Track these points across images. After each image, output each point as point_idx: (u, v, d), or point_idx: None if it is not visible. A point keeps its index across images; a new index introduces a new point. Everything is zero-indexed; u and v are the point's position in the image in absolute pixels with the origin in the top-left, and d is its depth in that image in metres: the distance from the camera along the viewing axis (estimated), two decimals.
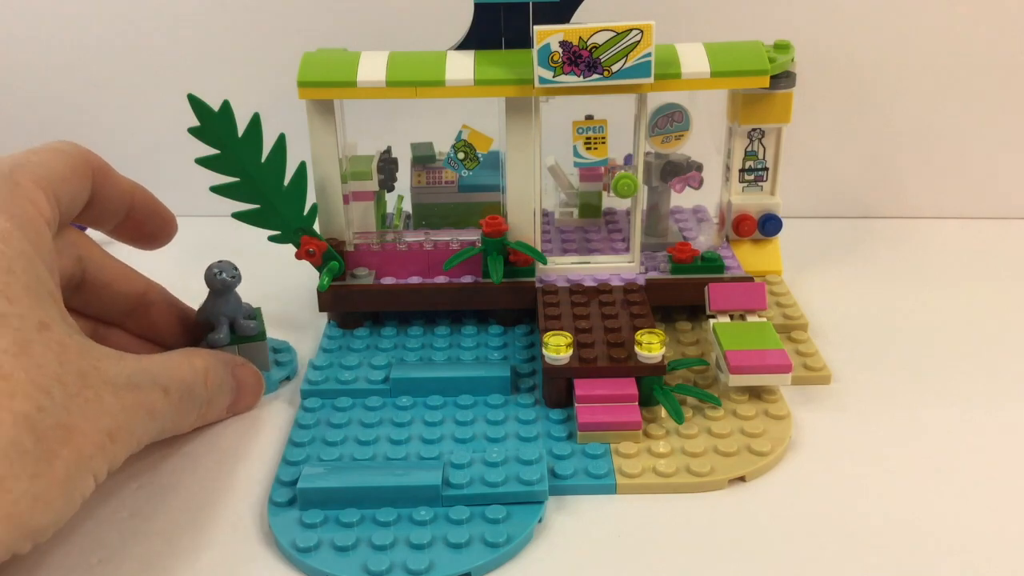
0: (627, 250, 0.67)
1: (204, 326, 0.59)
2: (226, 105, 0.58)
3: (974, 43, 0.80)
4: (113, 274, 0.54)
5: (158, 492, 0.51)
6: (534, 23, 0.60)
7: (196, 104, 0.57)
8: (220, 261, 0.59)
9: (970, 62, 0.81)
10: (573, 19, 0.60)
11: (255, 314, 0.61)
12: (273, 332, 0.65)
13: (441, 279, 0.65)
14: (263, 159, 0.59)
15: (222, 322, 0.59)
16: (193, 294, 0.61)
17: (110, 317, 0.55)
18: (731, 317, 0.62)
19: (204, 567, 0.46)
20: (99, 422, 0.38)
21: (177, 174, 0.70)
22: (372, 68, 0.60)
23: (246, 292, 0.60)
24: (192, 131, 0.58)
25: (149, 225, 0.55)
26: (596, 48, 0.57)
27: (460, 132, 0.62)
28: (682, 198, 0.71)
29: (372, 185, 0.67)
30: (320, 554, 0.45)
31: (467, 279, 0.65)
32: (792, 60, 0.66)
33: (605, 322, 0.59)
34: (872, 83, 0.82)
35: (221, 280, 0.58)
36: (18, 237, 0.39)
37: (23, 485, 0.34)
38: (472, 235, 0.66)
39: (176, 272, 0.64)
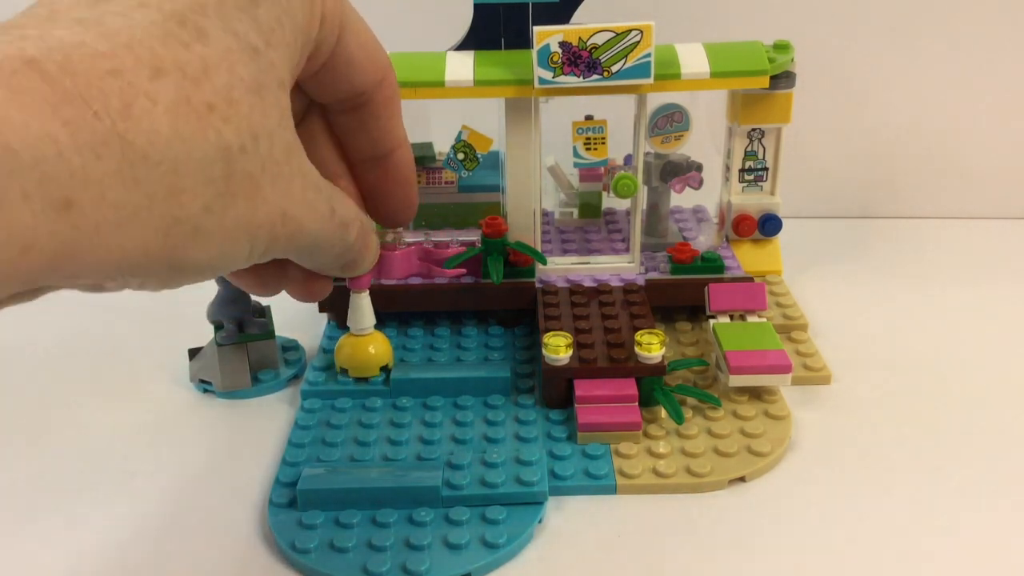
0: (627, 250, 0.67)
1: (213, 324, 0.59)
2: None
3: (974, 43, 0.80)
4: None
5: (158, 492, 0.51)
6: (534, 23, 0.60)
7: None
8: None
9: (970, 62, 0.81)
10: (573, 19, 0.60)
11: (264, 312, 0.61)
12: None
13: (441, 279, 0.65)
14: None
15: (231, 320, 0.59)
16: (198, 293, 0.61)
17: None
18: (731, 317, 0.62)
19: (204, 567, 0.46)
20: (282, 199, 0.35)
21: None
22: None
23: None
24: None
25: (392, 193, 0.47)
26: (596, 48, 0.57)
27: (460, 132, 0.62)
28: (682, 198, 0.71)
29: None
30: (319, 555, 0.45)
31: (467, 280, 0.65)
32: (792, 60, 0.66)
33: (605, 322, 0.59)
34: (872, 83, 0.82)
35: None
36: (298, 3, 0.37)
37: (194, 209, 0.32)
38: (472, 235, 0.66)
39: None
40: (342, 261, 0.46)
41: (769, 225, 0.70)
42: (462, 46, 0.62)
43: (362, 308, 0.57)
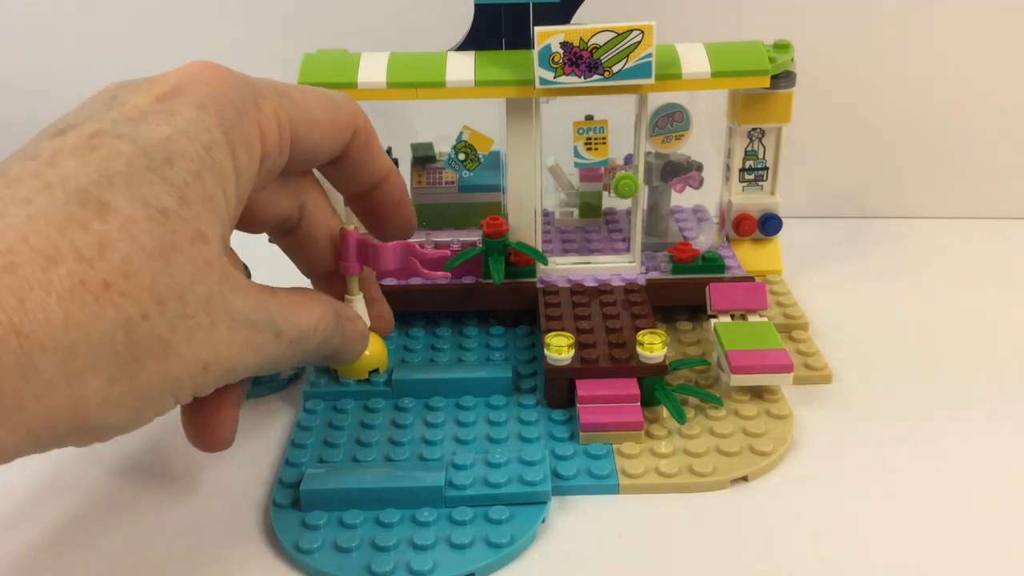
0: (628, 250, 0.67)
1: None
2: None
3: (975, 43, 0.80)
4: (326, 233, 0.51)
5: (159, 493, 0.51)
6: (535, 24, 0.60)
7: None
8: None
9: (970, 61, 0.81)
10: (574, 20, 0.61)
11: None
12: None
13: (442, 280, 0.65)
14: None
15: None
16: None
17: (303, 270, 0.53)
18: (732, 317, 0.62)
19: (206, 568, 0.46)
20: (201, 350, 0.37)
21: None
22: (372, 69, 0.60)
23: None
24: None
25: (388, 216, 0.52)
26: (597, 49, 0.57)
27: (460, 133, 0.62)
28: (682, 198, 0.71)
29: None
30: (323, 555, 0.45)
31: (468, 280, 0.65)
32: (792, 60, 0.66)
33: (606, 322, 0.59)
34: (872, 83, 0.82)
35: None
36: (223, 153, 0.38)
37: (98, 384, 0.34)
38: (473, 236, 0.66)
39: None
40: (319, 361, 0.48)
41: (769, 225, 0.70)
42: (463, 46, 0.62)
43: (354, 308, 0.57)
